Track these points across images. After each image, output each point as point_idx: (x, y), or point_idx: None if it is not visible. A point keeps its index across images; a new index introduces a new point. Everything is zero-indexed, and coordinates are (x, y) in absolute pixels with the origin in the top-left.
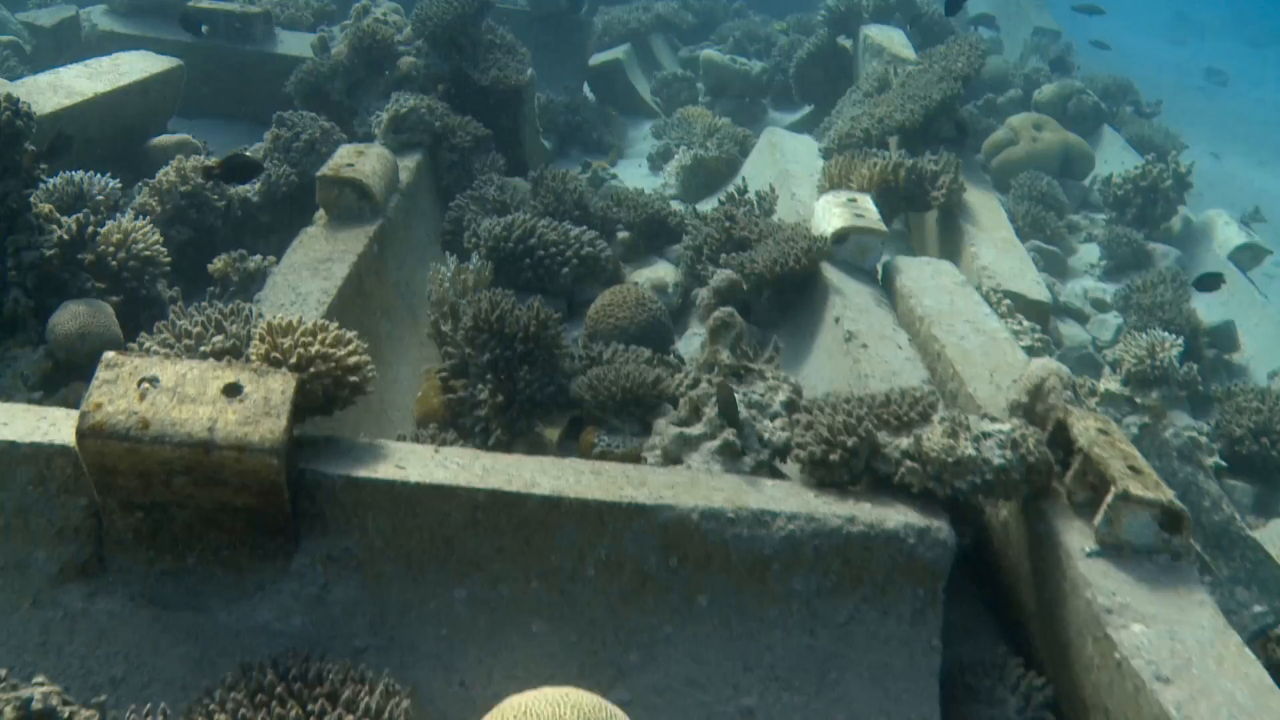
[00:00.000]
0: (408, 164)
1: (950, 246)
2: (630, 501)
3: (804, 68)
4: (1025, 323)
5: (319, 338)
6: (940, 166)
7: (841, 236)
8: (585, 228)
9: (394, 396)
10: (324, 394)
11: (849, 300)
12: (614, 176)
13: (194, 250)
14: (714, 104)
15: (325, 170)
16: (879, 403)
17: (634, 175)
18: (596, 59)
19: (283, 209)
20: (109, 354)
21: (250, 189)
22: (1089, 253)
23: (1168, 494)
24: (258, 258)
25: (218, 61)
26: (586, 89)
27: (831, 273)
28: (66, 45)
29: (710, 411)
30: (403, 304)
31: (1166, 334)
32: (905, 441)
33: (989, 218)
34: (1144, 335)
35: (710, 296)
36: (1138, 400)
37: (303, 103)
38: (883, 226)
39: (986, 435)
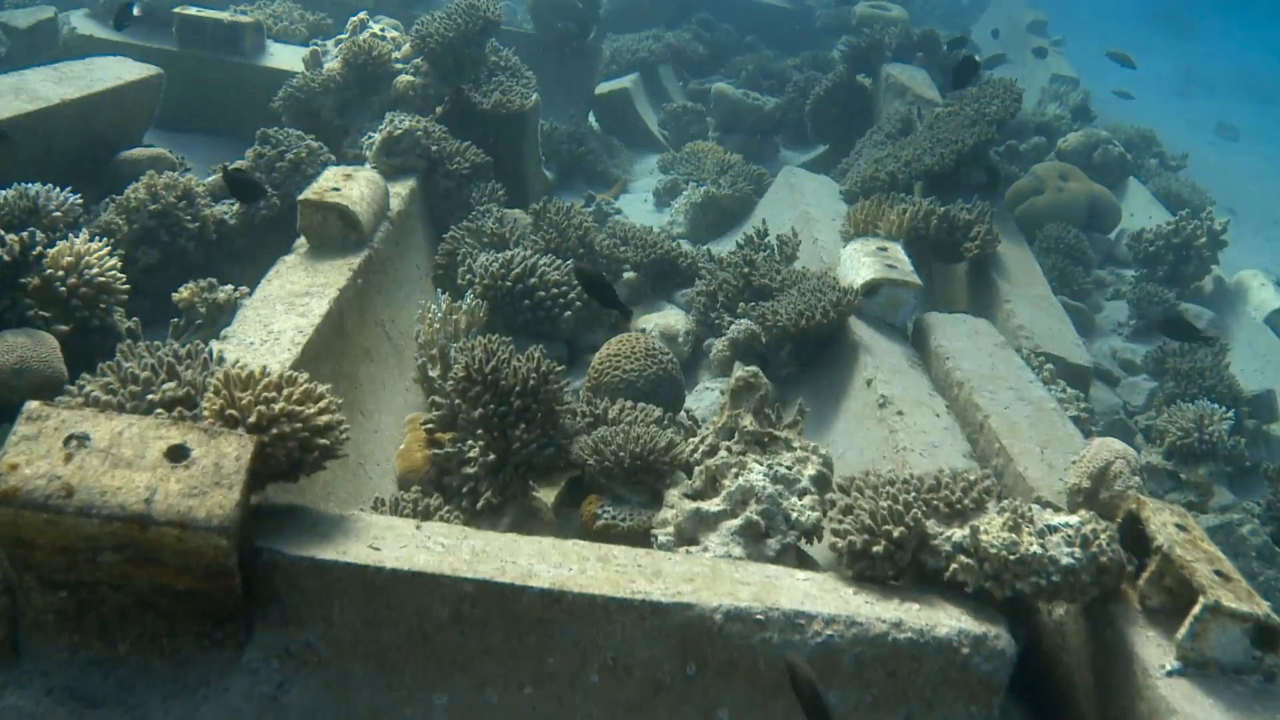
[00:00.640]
0: (400, 190)
1: (981, 302)
2: (643, 598)
3: (821, 105)
4: (1069, 390)
5: (284, 393)
6: (974, 215)
7: (872, 289)
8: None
9: (373, 449)
10: (288, 459)
11: (880, 360)
12: (618, 210)
13: (163, 275)
14: (724, 139)
15: (308, 194)
16: (928, 486)
17: (638, 210)
18: (603, 87)
19: (262, 234)
20: (31, 404)
21: (228, 210)
22: (1116, 310)
23: (1262, 606)
24: (228, 288)
25: (203, 72)
26: (591, 118)
27: (860, 328)
28: (43, 48)
29: (730, 484)
30: (388, 344)
31: (1214, 405)
32: (958, 533)
33: (1023, 272)
34: (1190, 406)
35: (726, 348)
36: (1182, 476)
37: (291, 120)
38: (916, 279)
39: (1052, 529)
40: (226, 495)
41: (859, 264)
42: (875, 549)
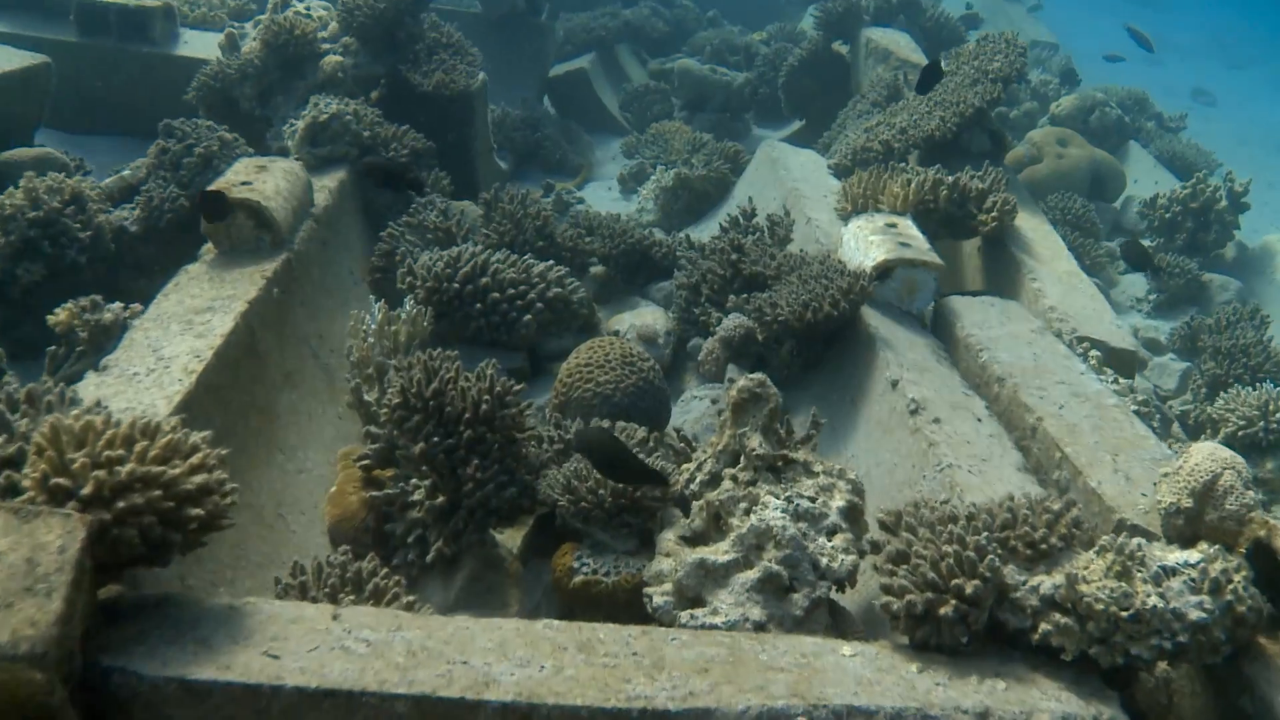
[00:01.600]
0: (327, 183)
1: (1000, 282)
2: (644, 706)
3: (795, 77)
4: (1121, 381)
5: (138, 449)
6: (988, 183)
7: (885, 271)
8: (551, 262)
9: (297, 494)
10: (146, 540)
11: (903, 356)
12: (580, 201)
13: (51, 293)
14: (691, 119)
15: (212, 190)
16: (1001, 521)
17: (603, 199)
18: (558, 69)
19: (170, 241)
20: None
21: (128, 216)
22: (1132, 285)
23: None
24: (115, 306)
25: (107, 64)
26: (547, 103)
27: (874, 319)
28: None
29: (739, 524)
30: (314, 365)
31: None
32: (1047, 581)
33: (1045, 245)
34: (1250, 391)
35: (717, 349)
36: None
37: (208, 112)
38: (936, 258)
39: (1170, 572)
40: (42, 607)
41: (866, 243)
42: (943, 610)
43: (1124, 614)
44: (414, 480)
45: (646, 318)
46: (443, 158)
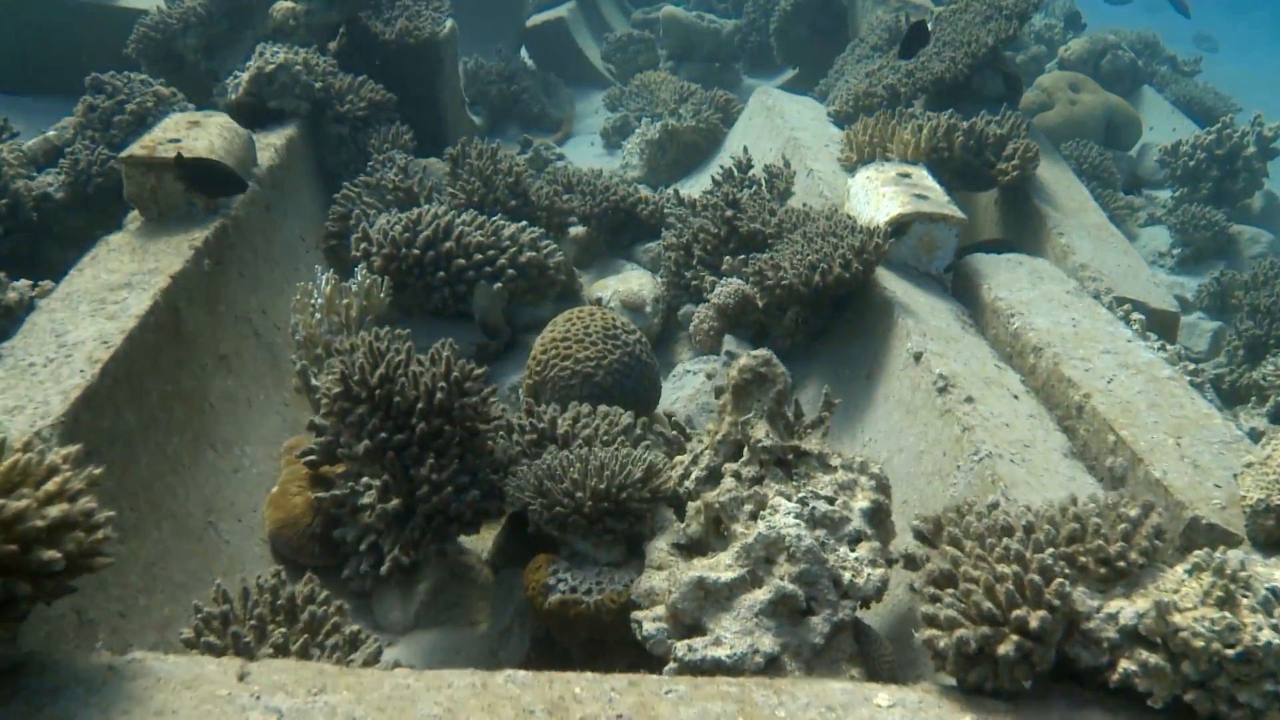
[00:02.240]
0: (274, 140)
1: (1022, 236)
2: None
3: (788, 22)
4: (1169, 347)
5: None
6: (1007, 129)
7: (900, 226)
8: (525, 223)
9: (231, 496)
10: None
11: (925, 323)
12: (561, 157)
13: None
14: (678, 69)
15: (135, 149)
16: (1067, 532)
17: (585, 155)
18: (536, 18)
19: (100, 208)
20: None
21: (53, 182)
22: (1153, 237)
23: None
24: (22, 284)
25: (36, 18)
26: (524, 54)
27: (889, 280)
28: None
29: (745, 531)
30: (257, 345)
31: None
32: (1127, 609)
33: (1069, 196)
34: None
35: (712, 318)
36: None
37: (150, 67)
38: (957, 211)
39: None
40: None
41: (878, 195)
42: (1002, 649)
43: (1229, 652)
44: (365, 479)
45: (632, 283)
46: (409, 113)
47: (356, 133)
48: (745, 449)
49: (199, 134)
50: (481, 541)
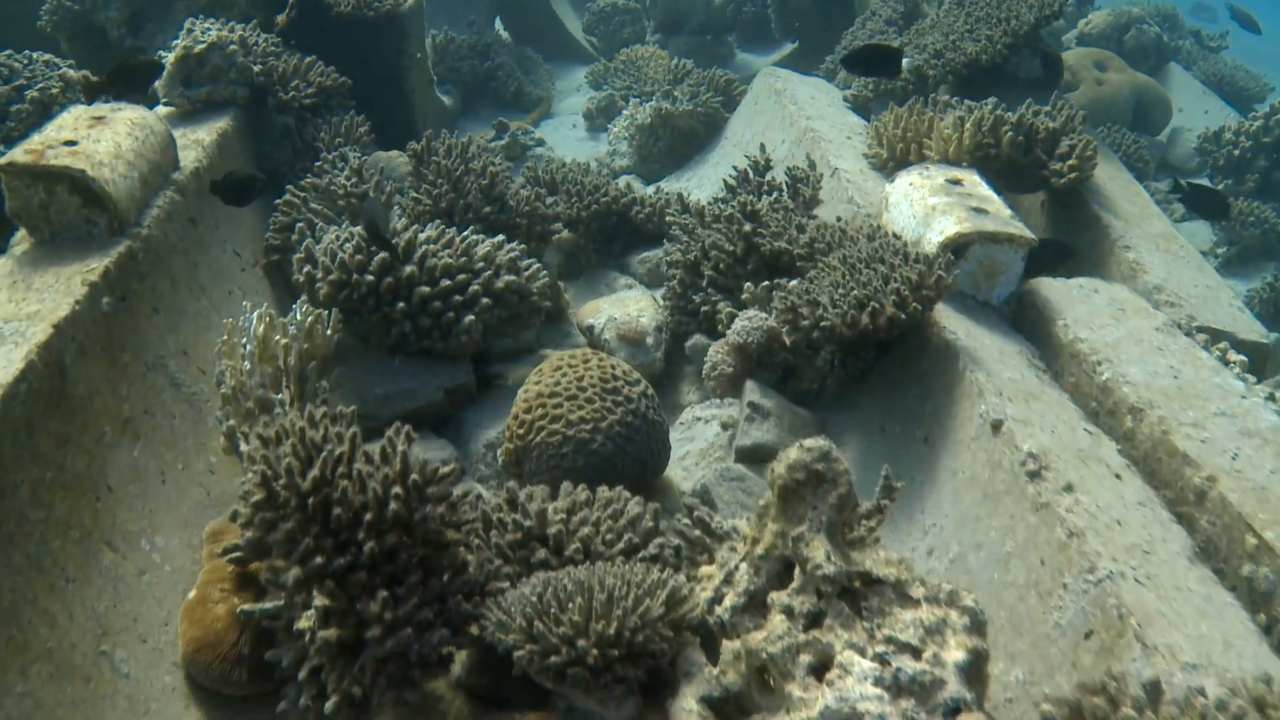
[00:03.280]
0: (202, 136)
1: (1078, 247)
2: None
3: None
4: (1261, 386)
5: None
6: (1060, 122)
7: (958, 248)
8: (501, 239)
9: (135, 609)
10: None
11: (997, 377)
12: (539, 142)
13: None
14: (667, 43)
15: (17, 154)
16: None
17: (567, 139)
18: None
19: None
20: None
21: None
22: (1192, 235)
23: None
24: None
25: None
26: (499, 26)
27: (948, 316)
28: None
29: (802, 694)
30: (174, 398)
31: None
32: None
33: (1130, 200)
34: None
35: (730, 360)
36: None
37: (69, 45)
38: (1025, 230)
39: None
40: None
41: (926, 208)
42: None
43: None
44: (298, 598)
45: (630, 306)
46: (369, 95)
47: (304, 124)
48: (797, 571)
49: (102, 133)
50: (448, 679)
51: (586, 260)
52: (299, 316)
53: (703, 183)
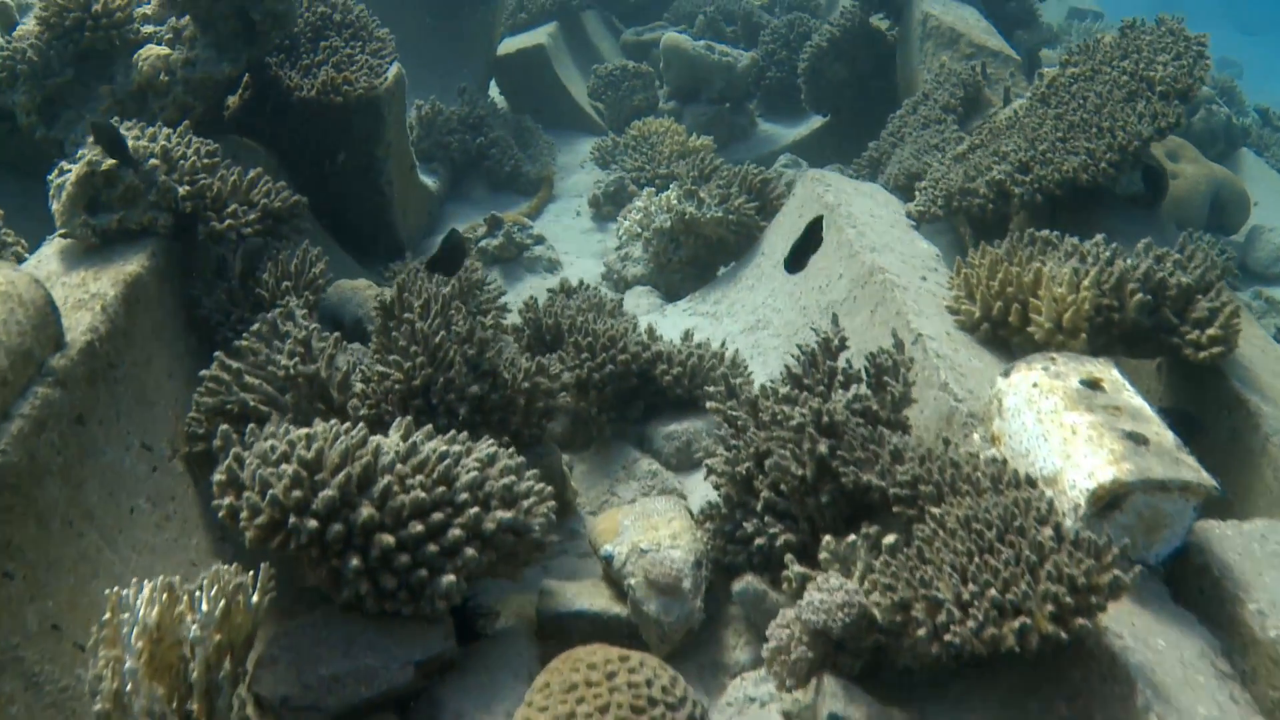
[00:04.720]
0: (104, 288)
1: (1212, 436)
2: None
3: (822, 61)
4: None
5: None
6: (1196, 277)
7: (1113, 499)
8: (492, 448)
9: None
10: None
11: (1186, 712)
12: (539, 240)
13: None
14: (681, 111)
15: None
16: None
17: (569, 232)
18: (509, 44)
19: None
20: None
21: None
22: None
23: None
24: None
25: None
26: (495, 91)
27: None
28: None
29: None
30: (36, 708)
31: None
32: None
33: (1273, 370)
34: None
35: (804, 644)
36: None
37: None
38: (1204, 475)
39: None
40: None
41: (1063, 430)
42: None
43: None
44: None
45: (660, 529)
46: (339, 191)
47: (249, 259)
48: None
49: None
50: None
51: (594, 430)
52: (217, 588)
53: (734, 309)
